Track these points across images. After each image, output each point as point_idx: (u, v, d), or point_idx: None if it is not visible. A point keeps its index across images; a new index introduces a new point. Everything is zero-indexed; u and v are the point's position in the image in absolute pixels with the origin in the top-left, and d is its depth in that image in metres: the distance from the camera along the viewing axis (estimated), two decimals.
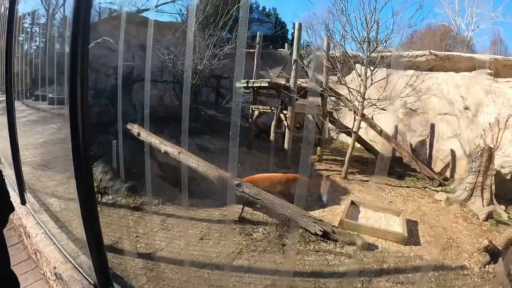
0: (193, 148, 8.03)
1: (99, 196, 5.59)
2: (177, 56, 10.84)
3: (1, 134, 5.18)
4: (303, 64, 8.65)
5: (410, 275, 4.28)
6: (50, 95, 10.21)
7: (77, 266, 3.05)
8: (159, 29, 12.21)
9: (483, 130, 8.03)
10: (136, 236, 4.49)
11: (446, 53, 10.03)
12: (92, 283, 2.79)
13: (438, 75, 9.47)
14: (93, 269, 2.49)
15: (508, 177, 7.54)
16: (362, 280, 3.97)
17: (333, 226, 4.84)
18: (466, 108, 8.68)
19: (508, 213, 6.68)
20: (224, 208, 5.63)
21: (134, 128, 6.24)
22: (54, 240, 3.51)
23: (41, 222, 3.87)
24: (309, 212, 5.33)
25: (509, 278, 4.27)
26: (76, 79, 1.95)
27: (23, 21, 11.97)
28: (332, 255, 4.40)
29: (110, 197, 5.62)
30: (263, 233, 4.81)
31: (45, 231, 3.70)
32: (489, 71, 8.65)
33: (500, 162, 7.56)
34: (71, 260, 3.16)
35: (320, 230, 4.60)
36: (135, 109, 7.89)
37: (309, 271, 4.03)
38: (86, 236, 2.31)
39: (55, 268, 3.11)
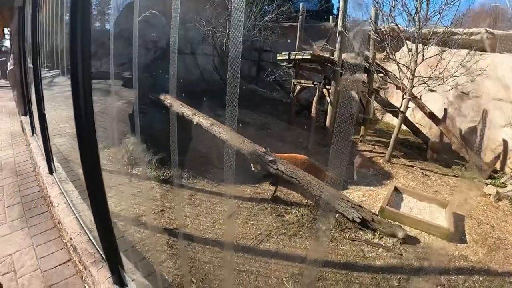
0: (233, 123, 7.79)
1: (130, 167, 5.50)
2: (216, 28, 10.51)
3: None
4: (348, 36, 8.04)
5: (453, 277, 3.82)
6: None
7: (92, 239, 2.92)
8: (200, 1, 11.93)
9: None
10: (162, 210, 4.33)
11: (504, 32, 9.05)
12: (104, 257, 2.63)
13: (494, 56, 8.53)
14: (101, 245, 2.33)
15: None
16: (400, 278, 3.58)
17: (373, 213, 4.42)
18: None
19: None
20: (257, 186, 5.39)
21: (167, 99, 6.04)
22: (75, 211, 3.42)
23: (64, 192, 3.80)
24: (347, 195, 4.96)
25: None
26: (77, 55, 1.71)
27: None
28: (369, 246, 4.02)
29: (140, 168, 5.50)
30: (296, 215, 4.50)
31: (67, 201, 3.62)
32: None
33: None
34: (87, 232, 3.04)
35: (359, 217, 4.21)
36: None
37: (341, 261, 3.69)
38: (93, 213, 2.13)
39: (71, 239, 3.01)
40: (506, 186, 6.63)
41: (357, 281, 3.42)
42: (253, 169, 5.30)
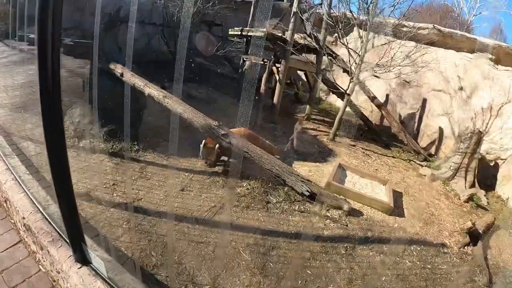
0: (178, 95, 7.68)
1: (76, 140, 5.26)
2: None
3: None
4: (302, 17, 8.14)
5: (393, 247, 4.27)
6: (31, 36, 9.50)
7: (47, 217, 2.83)
8: None
9: (475, 113, 7.92)
10: (113, 184, 4.24)
11: (450, 30, 9.64)
12: (63, 235, 2.57)
13: (438, 51, 9.14)
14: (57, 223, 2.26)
15: (492, 164, 7.60)
16: (346, 247, 3.90)
17: (320, 187, 4.69)
18: (461, 88, 8.48)
19: (488, 198, 6.72)
20: None
21: (117, 68, 5.80)
22: (24, 188, 3.26)
23: (11, 168, 3.59)
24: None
25: (486, 261, 4.33)
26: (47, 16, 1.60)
27: None
28: (317, 217, 4.30)
29: (88, 141, 5.28)
30: (247, 188, 4.64)
31: (15, 177, 3.43)
32: (490, 56, 8.35)
33: (486, 147, 7.57)
34: (41, 209, 2.93)
35: (307, 191, 4.44)
36: (119, 50, 7.38)
37: (293, 231, 3.93)
38: (55, 186, 2.04)
39: (23, 218, 2.89)
40: (440, 169, 7.27)
41: (308, 249, 3.67)
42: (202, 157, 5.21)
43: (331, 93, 9.84)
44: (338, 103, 9.64)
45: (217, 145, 4.88)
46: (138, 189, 4.25)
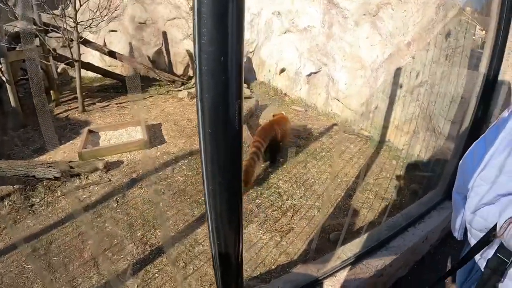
0: None
1: None
2: None
3: None
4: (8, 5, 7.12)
5: (161, 173, 4.76)
6: None
7: None
8: None
9: None
10: None
11: None
12: None
13: None
14: None
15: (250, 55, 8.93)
16: (116, 198, 4.20)
17: (69, 162, 4.75)
18: (191, 8, 9.11)
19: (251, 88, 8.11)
20: None
21: None
22: None
23: None
24: (51, 159, 5.11)
25: None
26: None
27: None
28: (80, 190, 4.44)
29: None
30: (9, 205, 4.36)
31: None
32: None
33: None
34: None
35: (58, 172, 4.46)
36: None
37: (63, 217, 4.00)
38: None
39: None
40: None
41: (82, 223, 3.85)
42: None
43: (70, 66, 9.36)
44: (89, 73, 9.40)
45: None
46: None
